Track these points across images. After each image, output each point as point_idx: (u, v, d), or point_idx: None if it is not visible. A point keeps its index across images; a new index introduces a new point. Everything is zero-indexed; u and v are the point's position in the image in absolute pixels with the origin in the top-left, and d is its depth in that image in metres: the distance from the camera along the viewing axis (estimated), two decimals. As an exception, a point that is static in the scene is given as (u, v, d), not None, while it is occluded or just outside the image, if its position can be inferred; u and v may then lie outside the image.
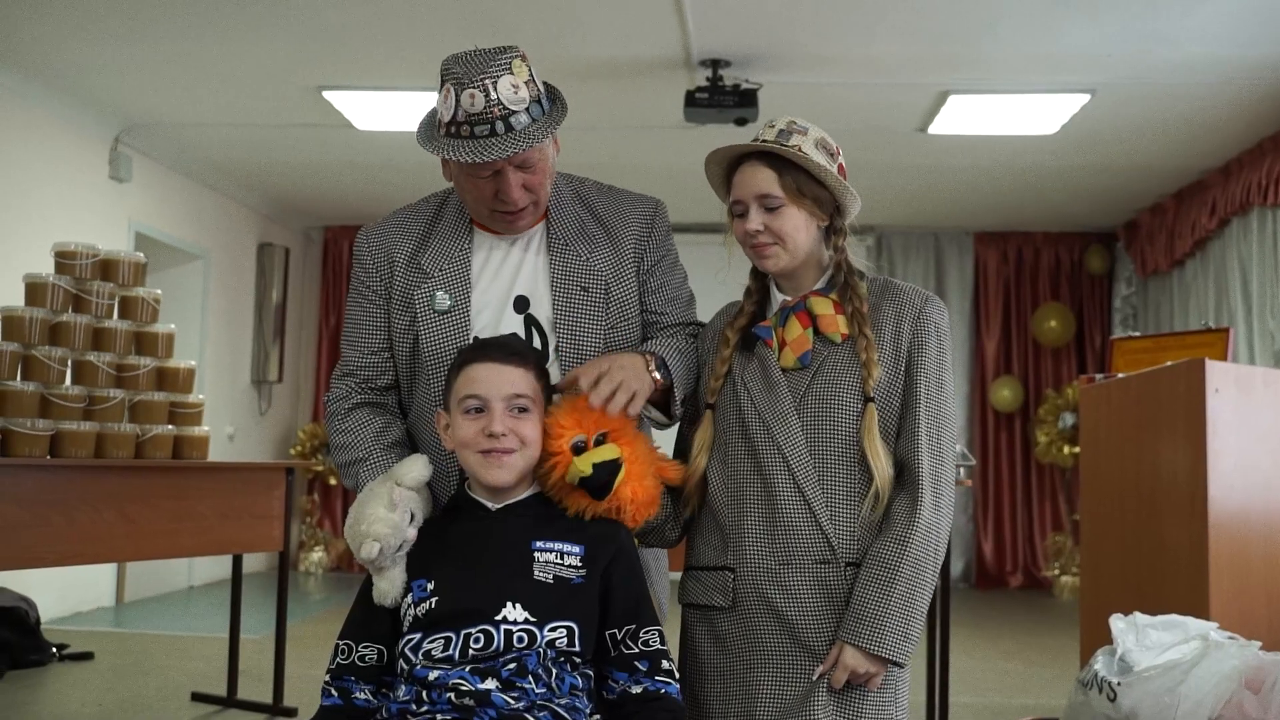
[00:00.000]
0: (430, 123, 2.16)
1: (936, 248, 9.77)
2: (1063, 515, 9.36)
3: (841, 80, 6.11)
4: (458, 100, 2.04)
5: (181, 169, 7.98)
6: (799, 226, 2.07)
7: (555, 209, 2.25)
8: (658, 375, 2.12)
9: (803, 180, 2.06)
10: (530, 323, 2.19)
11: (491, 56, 2.06)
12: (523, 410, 1.98)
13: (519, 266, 2.22)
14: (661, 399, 2.15)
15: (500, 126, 2.04)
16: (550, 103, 2.15)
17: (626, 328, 2.23)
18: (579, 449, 1.99)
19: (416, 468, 2.04)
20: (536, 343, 2.17)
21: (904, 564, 1.96)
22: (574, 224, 2.25)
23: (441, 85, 2.08)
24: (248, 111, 6.83)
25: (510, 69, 2.06)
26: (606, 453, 1.97)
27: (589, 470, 1.95)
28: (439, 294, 2.18)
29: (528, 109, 2.07)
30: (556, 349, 2.16)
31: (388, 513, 1.98)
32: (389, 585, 1.97)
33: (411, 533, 1.99)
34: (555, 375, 2.14)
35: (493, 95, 2.03)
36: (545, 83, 2.17)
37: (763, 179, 2.06)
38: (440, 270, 2.20)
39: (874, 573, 1.97)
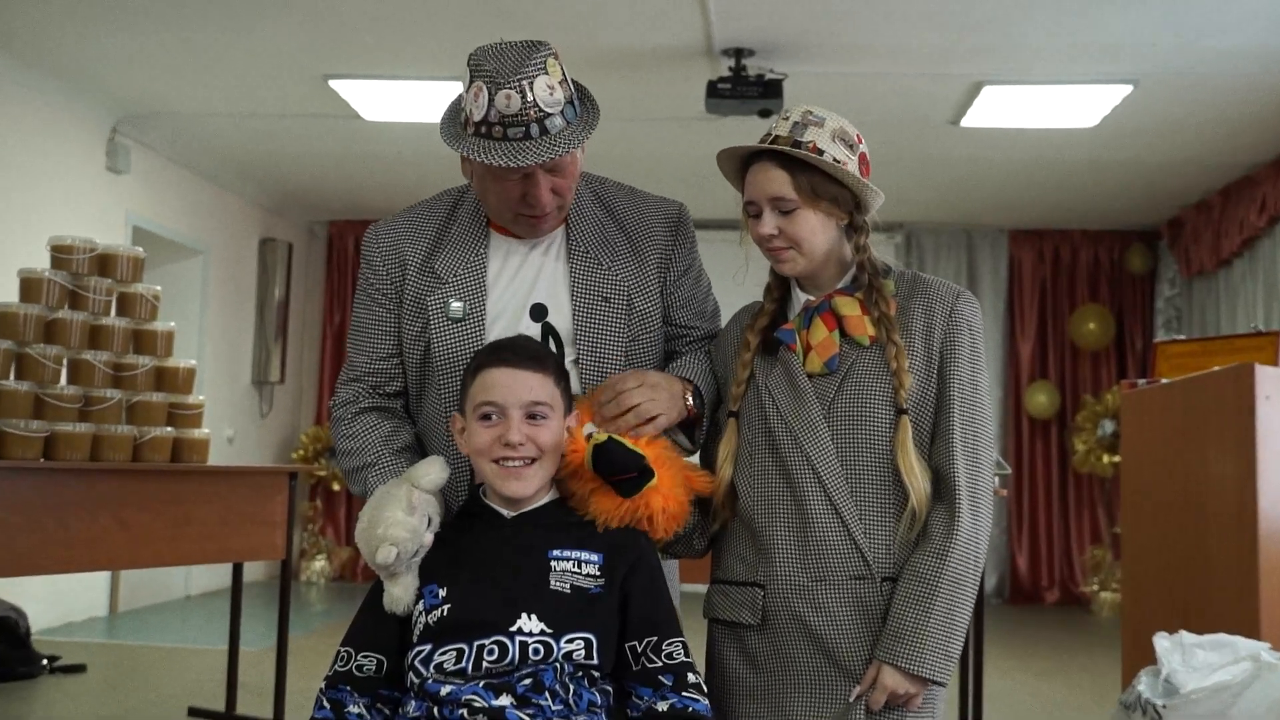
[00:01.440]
0: (454, 118, 2.15)
1: (969, 246, 9.74)
2: (1102, 528, 9.32)
3: (870, 70, 6.10)
4: (491, 100, 2.02)
5: (181, 161, 8.01)
6: (815, 229, 2.06)
7: (575, 213, 2.25)
8: (692, 403, 2.13)
9: (818, 180, 2.04)
10: (548, 331, 2.18)
11: (526, 54, 2.04)
12: (541, 417, 1.98)
13: (537, 273, 2.21)
14: (684, 423, 2.15)
15: (535, 130, 2.03)
16: (582, 104, 2.14)
17: (648, 340, 2.24)
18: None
19: (434, 470, 2.04)
20: (552, 349, 2.16)
21: (943, 578, 1.95)
22: (595, 230, 2.25)
23: (471, 81, 2.06)
24: (250, 101, 6.85)
25: (545, 69, 2.04)
26: (627, 443, 1.97)
27: (604, 439, 1.94)
28: (453, 302, 2.18)
29: (562, 111, 2.06)
30: (576, 361, 2.16)
31: (406, 516, 1.97)
32: (402, 591, 1.97)
33: (428, 538, 1.99)
34: (574, 378, 2.14)
35: (529, 97, 2.02)
36: (575, 82, 2.16)
37: (775, 181, 2.04)
38: (455, 276, 2.19)
39: (912, 588, 1.96)
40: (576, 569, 1.94)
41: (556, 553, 1.95)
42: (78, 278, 4.06)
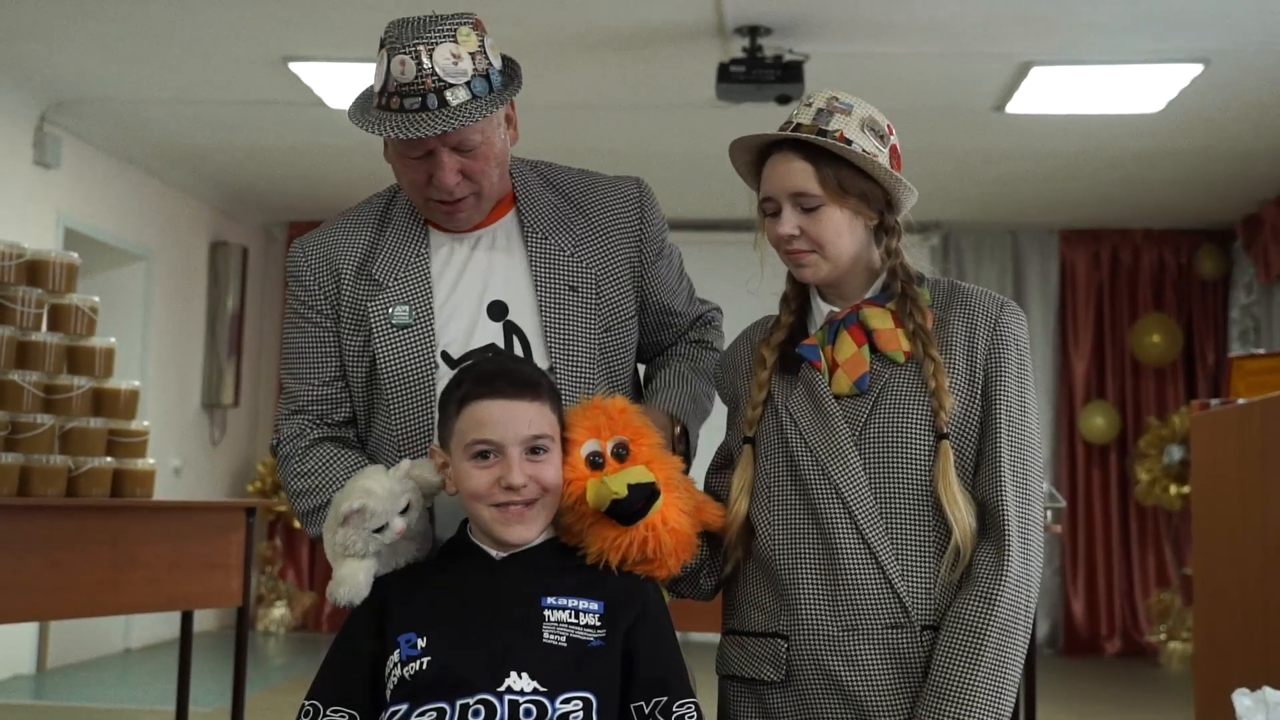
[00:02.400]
0: (367, 95, 2.20)
1: (1015, 248, 9.75)
2: (1169, 568, 9.30)
3: (902, 50, 6.11)
4: (388, 68, 2.09)
5: (120, 153, 8.02)
6: (841, 229, 2.06)
7: (524, 197, 2.29)
8: (679, 450, 2.19)
9: (845, 174, 2.04)
10: (510, 330, 2.21)
11: (435, 21, 2.10)
12: (543, 450, 1.98)
13: (488, 266, 2.25)
14: None
15: (433, 100, 2.08)
16: (504, 80, 2.17)
17: (621, 330, 2.28)
18: (596, 463, 1.99)
19: (430, 470, 2.07)
20: (519, 352, 2.20)
21: (991, 627, 1.95)
22: (549, 213, 2.28)
23: (379, 51, 2.13)
24: (200, 86, 6.87)
25: (455, 37, 2.10)
26: (638, 473, 1.97)
27: (624, 491, 1.95)
28: (397, 307, 2.20)
29: (469, 84, 2.10)
30: (549, 355, 2.19)
31: (386, 478, 2.02)
32: (351, 573, 1.98)
33: (399, 523, 2.01)
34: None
35: (425, 64, 2.08)
36: (506, 57, 2.20)
37: (797, 173, 2.05)
38: (395, 279, 2.22)
39: (957, 638, 1.96)
40: (574, 619, 1.94)
41: (551, 600, 1.95)
42: (3, 287, 4.06)
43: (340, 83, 6.68)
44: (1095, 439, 9.45)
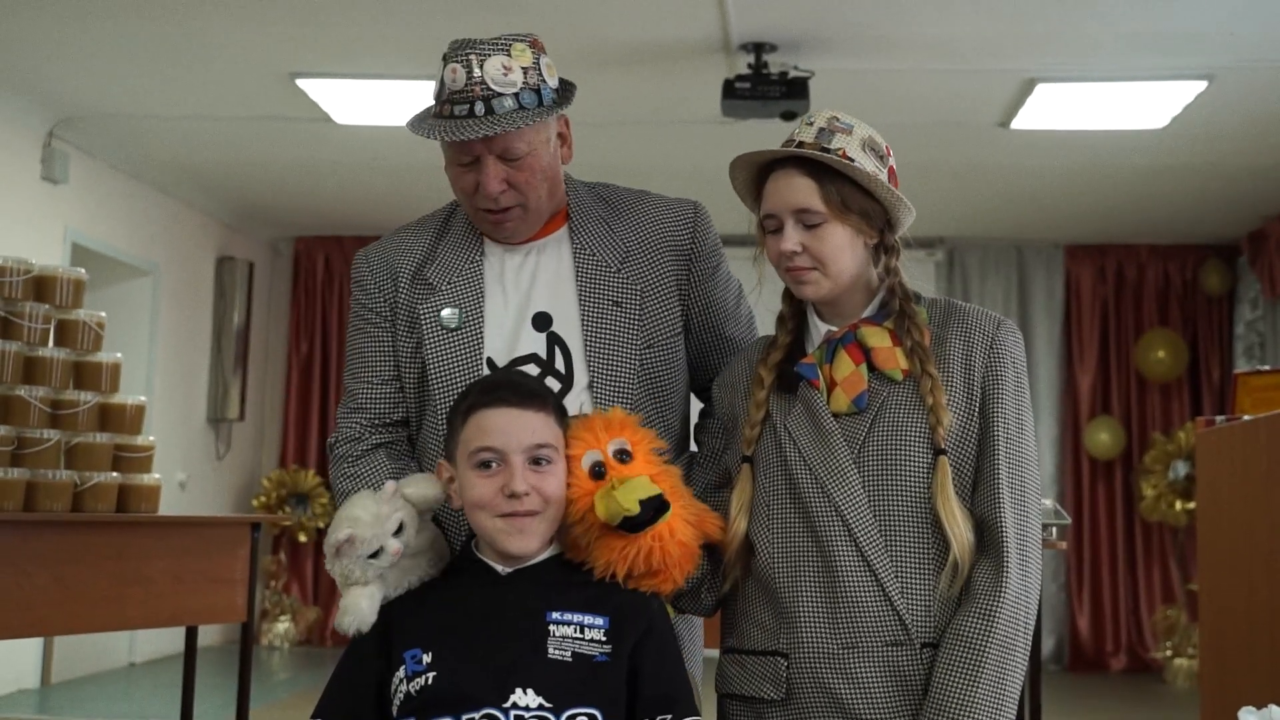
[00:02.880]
0: (428, 109, 2.25)
1: (1020, 264, 9.75)
2: (1175, 584, 9.28)
3: (908, 67, 6.12)
4: (443, 78, 2.16)
5: (127, 169, 8.04)
6: (842, 246, 2.07)
7: (576, 214, 2.32)
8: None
9: (848, 191, 2.06)
10: (553, 341, 2.23)
11: (494, 36, 2.17)
12: (546, 461, 1.99)
13: (536, 278, 2.28)
14: None
15: (480, 107, 2.13)
16: (556, 98, 2.22)
17: (663, 347, 2.29)
18: (599, 473, 1.99)
19: (423, 485, 2.08)
20: (560, 364, 2.22)
21: (991, 643, 1.95)
22: (600, 230, 2.31)
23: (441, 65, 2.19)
24: (206, 102, 6.89)
25: (509, 51, 2.16)
26: (645, 487, 1.97)
27: (635, 508, 1.96)
28: (446, 310, 2.25)
29: (517, 94, 2.15)
30: (588, 368, 2.21)
31: (373, 503, 2.03)
32: (355, 602, 1.99)
33: (394, 544, 2.01)
34: (587, 403, 2.19)
35: (475, 73, 2.13)
36: (563, 79, 2.26)
37: (800, 190, 2.06)
38: (448, 283, 2.27)
39: (957, 654, 1.96)
40: (579, 634, 1.94)
41: (556, 615, 1.95)
42: (10, 303, 4.07)
43: (347, 99, 6.70)
44: (1100, 455, 9.43)
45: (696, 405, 2.48)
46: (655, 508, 1.97)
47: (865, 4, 5.44)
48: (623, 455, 2.03)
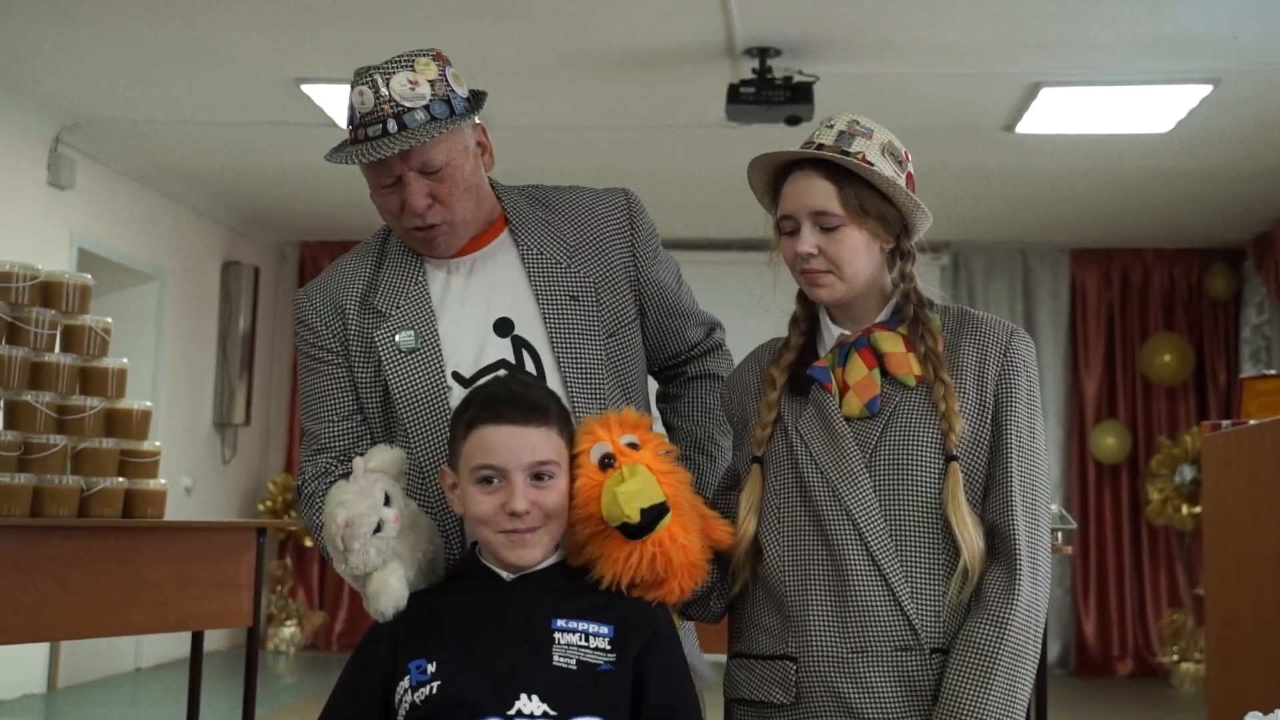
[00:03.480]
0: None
1: (1025, 267, 9.74)
2: (1181, 589, 9.27)
3: (913, 71, 6.12)
4: (351, 104, 2.19)
5: (133, 174, 8.06)
6: (859, 250, 2.07)
7: (515, 217, 2.34)
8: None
9: (866, 195, 2.06)
10: (519, 344, 2.25)
11: (397, 56, 2.18)
12: (548, 477, 1.99)
13: (489, 286, 2.29)
14: None
15: (393, 125, 2.15)
16: (467, 106, 2.23)
17: (625, 334, 2.33)
18: (606, 463, 2.00)
19: (382, 452, 2.11)
20: (530, 366, 2.23)
21: (1003, 651, 1.95)
22: (542, 230, 2.33)
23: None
24: (212, 107, 6.90)
25: (412, 66, 2.17)
26: (650, 494, 1.97)
27: (636, 516, 1.95)
28: (401, 333, 2.25)
29: (427, 106, 2.16)
30: (558, 365, 2.23)
31: (351, 484, 2.05)
32: (381, 587, 2.00)
33: (390, 512, 2.02)
34: (562, 398, 2.18)
35: (383, 91, 2.15)
36: (474, 90, 2.26)
37: (819, 192, 2.06)
38: (397, 308, 2.28)
39: (969, 661, 1.96)
40: (584, 642, 1.94)
41: (561, 623, 1.95)
42: (17, 308, 4.07)
43: (352, 104, 6.70)
44: (1106, 459, 9.42)
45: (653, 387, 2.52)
46: (656, 516, 1.97)
47: (870, 8, 5.44)
48: (631, 446, 2.03)
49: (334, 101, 6.66)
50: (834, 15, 5.51)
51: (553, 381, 2.22)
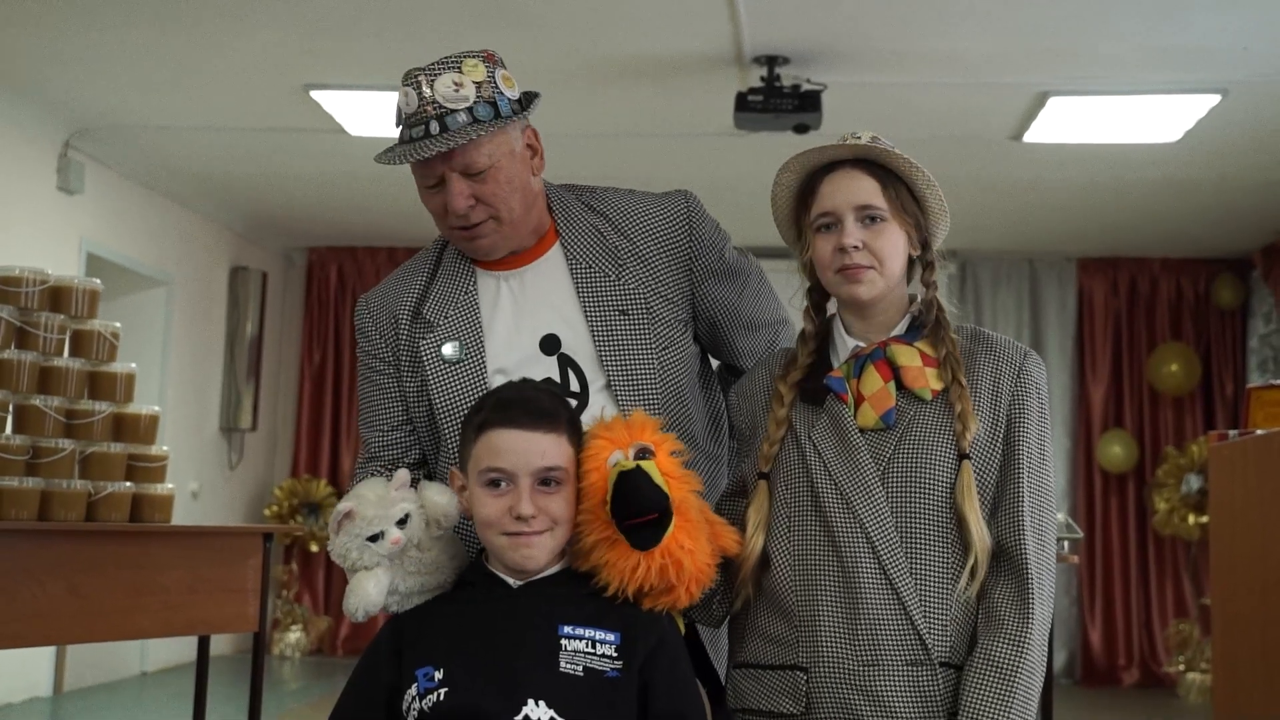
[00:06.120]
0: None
1: (1032, 277, 9.74)
2: (1188, 598, 9.24)
3: (920, 80, 6.12)
4: (398, 104, 2.18)
5: (142, 180, 8.07)
6: (898, 249, 2.10)
7: (565, 225, 2.31)
8: None
9: (906, 197, 2.10)
10: (565, 363, 2.23)
11: (445, 57, 2.17)
12: (556, 483, 1.99)
13: (538, 301, 2.27)
14: None
15: (435, 126, 2.14)
16: (515, 108, 2.21)
17: (679, 346, 2.29)
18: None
19: (440, 493, 2.08)
20: (575, 385, 2.21)
21: (1021, 670, 1.97)
22: (593, 239, 2.30)
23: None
24: (221, 113, 6.91)
25: (459, 67, 2.15)
26: (655, 478, 1.97)
27: (632, 464, 1.95)
28: (446, 344, 2.24)
29: (471, 108, 2.15)
30: (608, 385, 2.21)
31: (381, 487, 2.04)
32: (356, 587, 2.00)
33: (395, 533, 2.02)
34: (609, 406, 2.18)
35: (426, 93, 2.14)
36: (526, 92, 2.25)
37: (865, 188, 2.08)
38: (445, 318, 2.27)
39: (989, 678, 1.97)
40: (590, 649, 1.94)
41: (569, 629, 1.95)
42: (26, 313, 4.07)
43: (360, 111, 6.72)
44: (1113, 468, 9.41)
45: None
46: (654, 501, 1.95)
47: (878, 17, 5.44)
48: (644, 455, 2.02)
49: (343, 108, 6.67)
50: (842, 24, 5.51)
51: (602, 399, 2.21)
